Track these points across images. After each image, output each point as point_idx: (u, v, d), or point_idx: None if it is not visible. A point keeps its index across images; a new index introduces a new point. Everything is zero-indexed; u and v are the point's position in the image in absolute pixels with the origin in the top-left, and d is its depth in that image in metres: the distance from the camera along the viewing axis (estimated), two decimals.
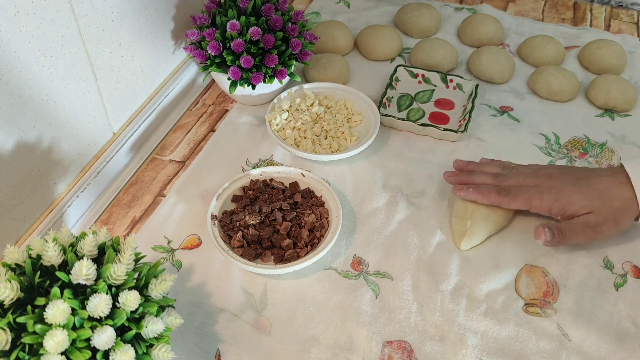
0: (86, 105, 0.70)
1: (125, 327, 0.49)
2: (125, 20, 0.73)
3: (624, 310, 0.63)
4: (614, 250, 0.69)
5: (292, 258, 0.66)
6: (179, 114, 0.88)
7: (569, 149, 0.82)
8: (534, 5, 1.13)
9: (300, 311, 0.64)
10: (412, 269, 0.67)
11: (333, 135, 0.81)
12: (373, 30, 0.97)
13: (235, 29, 0.78)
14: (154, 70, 0.83)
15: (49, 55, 0.62)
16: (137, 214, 0.74)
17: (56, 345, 0.44)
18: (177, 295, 0.64)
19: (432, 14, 1.02)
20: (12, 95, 0.59)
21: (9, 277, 0.48)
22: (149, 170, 0.80)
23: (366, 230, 0.71)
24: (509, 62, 0.93)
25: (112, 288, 0.49)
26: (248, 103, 0.89)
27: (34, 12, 0.59)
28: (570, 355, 0.60)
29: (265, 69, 0.79)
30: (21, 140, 0.62)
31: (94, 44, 0.69)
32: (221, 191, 0.72)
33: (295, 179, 0.75)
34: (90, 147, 0.74)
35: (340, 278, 0.67)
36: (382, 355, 0.60)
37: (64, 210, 0.71)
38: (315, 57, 0.91)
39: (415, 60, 0.95)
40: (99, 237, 0.52)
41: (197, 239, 0.71)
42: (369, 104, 0.85)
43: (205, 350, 0.60)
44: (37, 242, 0.50)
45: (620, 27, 1.08)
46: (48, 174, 0.68)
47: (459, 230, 0.69)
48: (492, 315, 0.63)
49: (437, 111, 0.87)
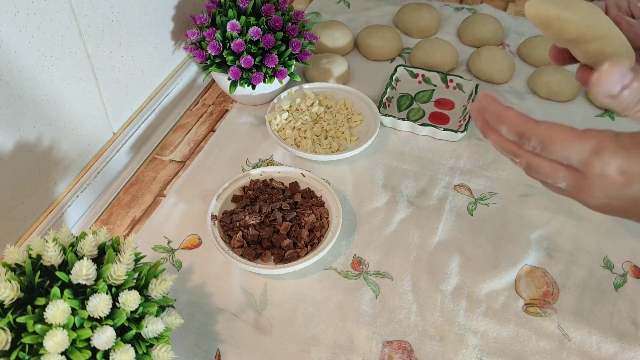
0: (86, 105, 0.70)
1: (125, 327, 0.49)
2: (125, 20, 0.73)
3: (624, 310, 0.63)
4: (614, 250, 0.69)
5: (292, 258, 0.66)
6: (179, 114, 0.88)
7: None
8: None
9: (300, 311, 0.64)
10: (412, 269, 0.67)
11: (333, 135, 0.81)
12: (373, 30, 0.97)
13: (235, 29, 0.78)
14: (154, 70, 0.83)
15: (49, 55, 0.62)
16: (137, 214, 0.74)
17: (56, 345, 0.44)
18: (177, 295, 0.64)
19: (432, 14, 1.02)
20: (12, 95, 0.59)
21: (9, 277, 0.48)
22: (149, 170, 0.80)
23: (366, 230, 0.71)
24: (509, 62, 0.92)
25: (112, 288, 0.49)
26: (248, 103, 0.89)
27: (34, 12, 0.59)
28: (570, 355, 0.60)
29: (265, 69, 0.79)
30: (21, 140, 0.62)
31: (94, 44, 0.69)
32: (221, 191, 0.72)
33: (295, 179, 0.75)
34: (90, 147, 0.74)
35: (340, 278, 0.67)
36: (382, 355, 0.60)
37: (64, 210, 0.71)
38: (315, 57, 0.91)
39: (415, 60, 0.95)
40: (99, 237, 0.52)
41: (197, 239, 0.71)
42: (369, 104, 0.85)
43: (205, 350, 0.60)
44: (37, 242, 0.50)
45: None
46: (48, 174, 0.68)
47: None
48: (492, 315, 0.63)
49: (437, 111, 0.87)
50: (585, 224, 0.72)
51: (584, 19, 0.41)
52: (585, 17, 0.41)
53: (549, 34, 0.43)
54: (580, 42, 0.43)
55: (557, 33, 0.43)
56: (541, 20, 0.42)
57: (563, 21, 0.41)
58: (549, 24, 0.42)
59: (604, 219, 0.72)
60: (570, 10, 0.41)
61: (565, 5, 0.42)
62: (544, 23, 0.43)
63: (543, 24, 0.43)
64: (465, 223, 0.72)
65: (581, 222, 0.72)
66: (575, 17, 0.41)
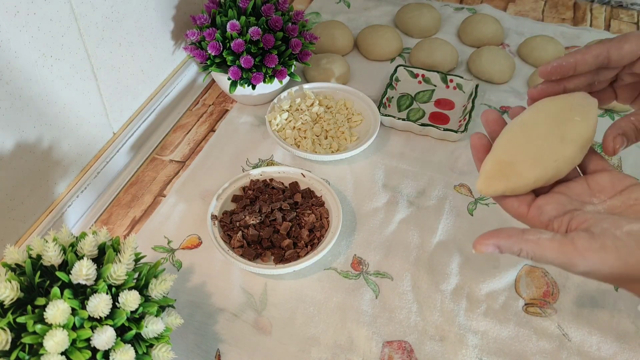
0: (86, 105, 0.70)
1: (125, 327, 0.49)
2: (125, 20, 0.73)
3: (624, 310, 0.63)
4: None
5: (292, 258, 0.66)
6: (179, 114, 0.88)
7: None
8: (534, 5, 1.12)
9: (300, 311, 0.64)
10: (412, 269, 0.67)
11: (333, 135, 0.81)
12: (373, 30, 0.97)
13: (235, 29, 0.78)
14: (154, 70, 0.83)
15: (49, 56, 0.62)
16: (137, 214, 0.74)
17: (56, 345, 0.44)
18: (177, 295, 0.64)
19: (432, 14, 1.02)
20: (12, 95, 0.59)
21: (9, 277, 0.48)
22: (149, 170, 0.80)
23: (366, 230, 0.71)
24: (509, 62, 0.92)
25: (112, 288, 0.49)
26: (248, 103, 0.89)
27: (34, 12, 0.59)
28: (570, 355, 0.60)
29: (265, 69, 0.79)
30: (21, 140, 0.62)
31: (94, 44, 0.69)
32: (221, 191, 0.72)
33: (295, 179, 0.75)
34: (90, 147, 0.74)
35: (340, 278, 0.67)
36: (382, 355, 0.60)
37: (64, 210, 0.71)
38: (315, 57, 0.91)
39: (415, 60, 0.95)
40: (99, 237, 0.52)
41: (197, 239, 0.71)
42: (369, 104, 0.85)
43: (205, 350, 0.60)
44: (37, 242, 0.50)
45: (620, 27, 1.08)
46: (48, 174, 0.68)
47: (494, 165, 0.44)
48: (492, 315, 0.63)
49: (437, 111, 0.87)
50: None
51: (530, 175, 0.42)
52: (530, 173, 0.42)
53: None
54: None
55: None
56: (496, 194, 0.43)
57: (513, 190, 0.43)
58: (503, 195, 0.43)
59: None
60: (515, 173, 0.42)
61: (510, 166, 0.42)
62: (499, 196, 0.44)
63: (498, 197, 0.44)
64: (465, 223, 0.72)
65: None
66: (521, 182, 0.42)
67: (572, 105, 0.44)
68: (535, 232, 0.38)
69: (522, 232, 0.39)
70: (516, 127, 0.44)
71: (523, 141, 0.43)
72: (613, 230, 0.37)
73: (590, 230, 0.37)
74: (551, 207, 0.41)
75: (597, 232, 0.37)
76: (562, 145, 0.42)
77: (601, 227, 0.37)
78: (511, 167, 0.42)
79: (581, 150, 0.43)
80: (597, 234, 0.37)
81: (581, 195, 0.42)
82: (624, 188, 0.41)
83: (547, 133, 0.43)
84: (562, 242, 0.37)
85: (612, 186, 0.42)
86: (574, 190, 0.43)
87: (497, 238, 0.39)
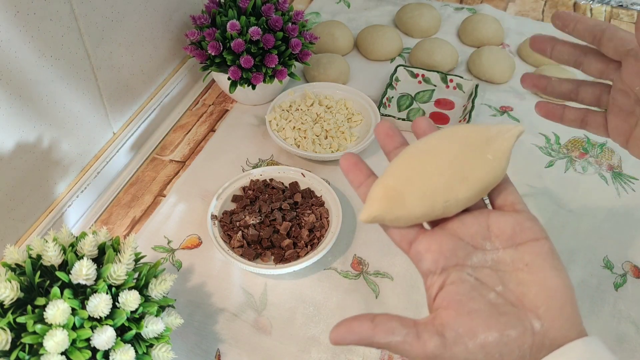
0: (86, 105, 0.70)
1: (125, 327, 0.49)
2: (125, 20, 0.73)
3: (624, 310, 0.63)
4: (614, 250, 0.69)
5: (292, 258, 0.66)
6: (179, 114, 0.88)
7: (569, 149, 0.82)
8: (534, 5, 1.13)
9: (300, 311, 0.64)
10: (412, 269, 0.67)
11: (333, 135, 0.81)
12: (373, 30, 0.97)
13: (235, 29, 0.78)
14: (154, 70, 0.83)
15: (49, 55, 0.62)
16: (137, 214, 0.74)
17: (56, 345, 0.44)
18: (177, 295, 0.64)
19: (432, 14, 1.02)
20: (12, 95, 0.59)
21: (9, 277, 0.48)
22: (149, 170, 0.80)
23: (366, 230, 0.71)
24: (509, 62, 0.92)
25: (112, 288, 0.49)
26: (248, 103, 0.89)
27: (34, 12, 0.59)
28: None
29: (265, 69, 0.79)
30: (21, 140, 0.62)
31: (94, 44, 0.69)
32: (221, 191, 0.72)
33: (295, 179, 0.75)
34: (90, 147, 0.74)
35: (340, 278, 0.67)
36: (382, 355, 0.60)
37: (64, 210, 0.71)
38: (315, 57, 0.91)
39: (415, 60, 0.95)
40: (99, 237, 0.52)
41: (197, 239, 0.71)
42: (369, 104, 0.85)
43: (205, 350, 0.60)
44: (37, 242, 0.50)
45: (620, 27, 1.08)
46: (48, 174, 0.68)
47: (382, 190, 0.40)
48: None
49: (437, 111, 0.87)
50: (586, 224, 0.72)
51: (415, 210, 0.38)
52: (416, 208, 0.38)
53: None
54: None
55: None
56: (374, 222, 0.39)
57: (395, 221, 0.39)
58: (386, 225, 0.40)
59: (604, 219, 0.72)
60: (401, 203, 0.38)
61: (398, 195, 0.38)
62: (384, 225, 0.40)
63: (384, 225, 0.40)
64: None
65: (581, 222, 0.72)
66: (405, 213, 0.38)
67: (489, 138, 0.39)
68: (385, 330, 0.36)
69: (373, 328, 0.37)
70: (418, 152, 0.40)
71: (419, 170, 0.38)
72: (467, 340, 0.34)
73: (444, 335, 0.35)
74: (430, 258, 0.38)
75: (450, 340, 0.34)
76: (460, 186, 0.37)
77: (456, 332, 0.34)
78: (398, 196, 0.38)
79: (480, 194, 0.38)
80: (450, 343, 0.34)
81: (474, 236, 0.38)
82: (522, 242, 0.37)
83: (447, 168, 0.38)
84: (413, 345, 0.35)
85: (511, 234, 0.37)
86: (468, 228, 0.38)
87: (350, 333, 0.38)
